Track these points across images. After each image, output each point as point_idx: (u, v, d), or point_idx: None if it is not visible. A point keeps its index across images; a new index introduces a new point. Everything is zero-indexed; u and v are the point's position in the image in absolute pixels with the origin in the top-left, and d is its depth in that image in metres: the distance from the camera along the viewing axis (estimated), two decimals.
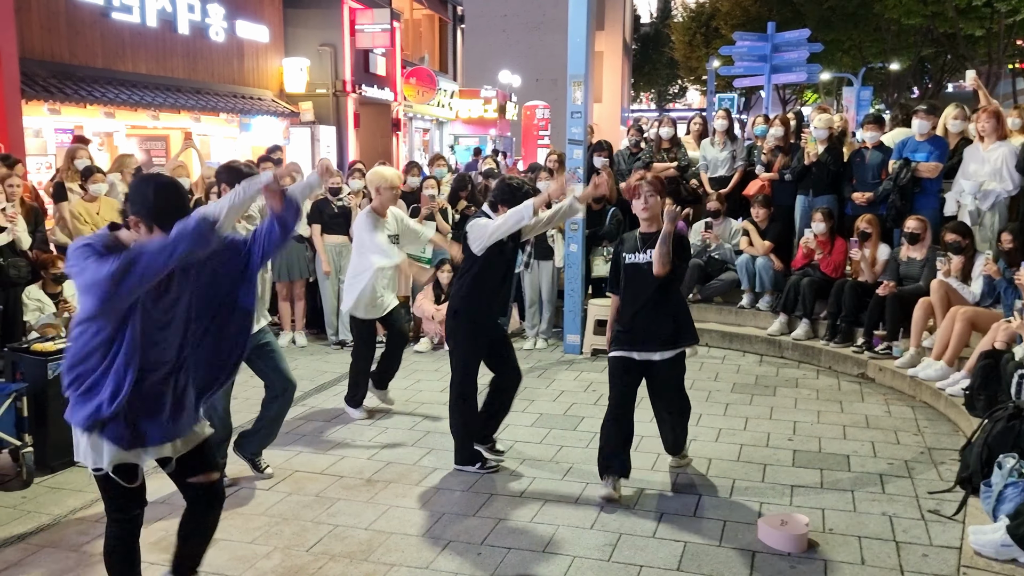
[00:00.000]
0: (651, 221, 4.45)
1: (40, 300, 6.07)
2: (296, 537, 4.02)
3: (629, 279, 4.45)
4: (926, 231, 6.69)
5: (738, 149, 8.57)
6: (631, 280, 4.45)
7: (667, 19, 46.38)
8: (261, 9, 15.68)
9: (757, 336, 7.60)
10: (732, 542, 3.95)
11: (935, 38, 24.30)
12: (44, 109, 10.46)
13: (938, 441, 5.29)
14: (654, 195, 4.41)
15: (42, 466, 4.75)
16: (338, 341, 7.77)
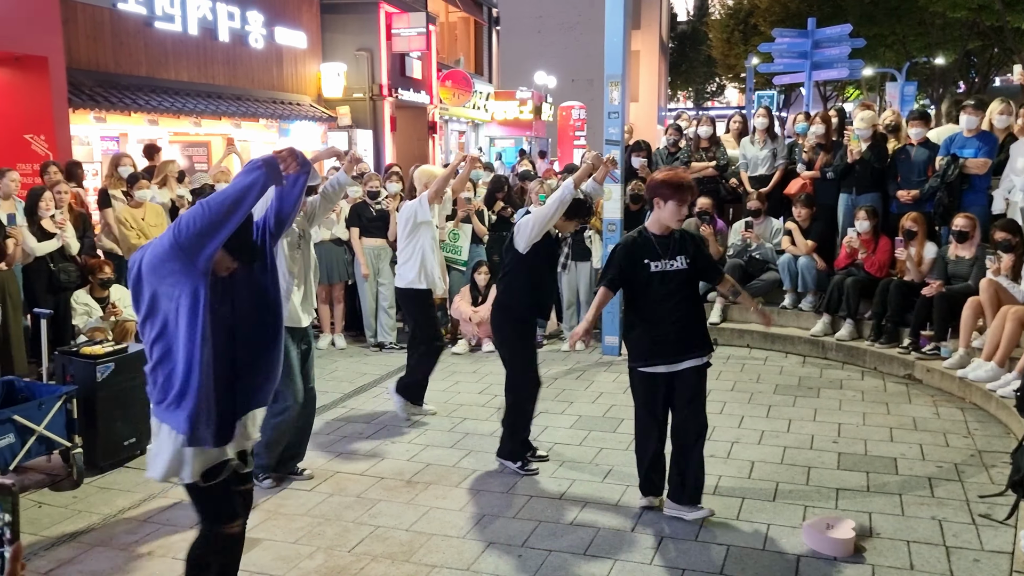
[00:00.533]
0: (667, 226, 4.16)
1: (88, 304, 6.20)
2: (338, 538, 4.06)
3: (656, 288, 4.08)
4: (975, 229, 6.53)
5: (779, 147, 8.45)
6: (659, 288, 4.08)
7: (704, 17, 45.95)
8: (299, 15, 15.87)
9: (800, 337, 7.49)
10: (776, 546, 3.90)
11: (981, 31, 23.75)
12: (90, 117, 10.69)
13: (989, 444, 5.16)
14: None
15: (92, 466, 4.86)
16: (377, 343, 7.83)
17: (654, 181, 4.08)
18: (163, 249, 2.70)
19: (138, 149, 11.51)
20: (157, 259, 2.71)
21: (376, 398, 6.35)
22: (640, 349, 4.15)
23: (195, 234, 2.66)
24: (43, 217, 6.54)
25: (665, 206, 4.02)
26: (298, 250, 4.57)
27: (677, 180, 4.02)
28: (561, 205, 4.67)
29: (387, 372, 7.06)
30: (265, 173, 2.74)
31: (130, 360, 5.03)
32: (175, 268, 2.70)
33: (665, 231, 4.12)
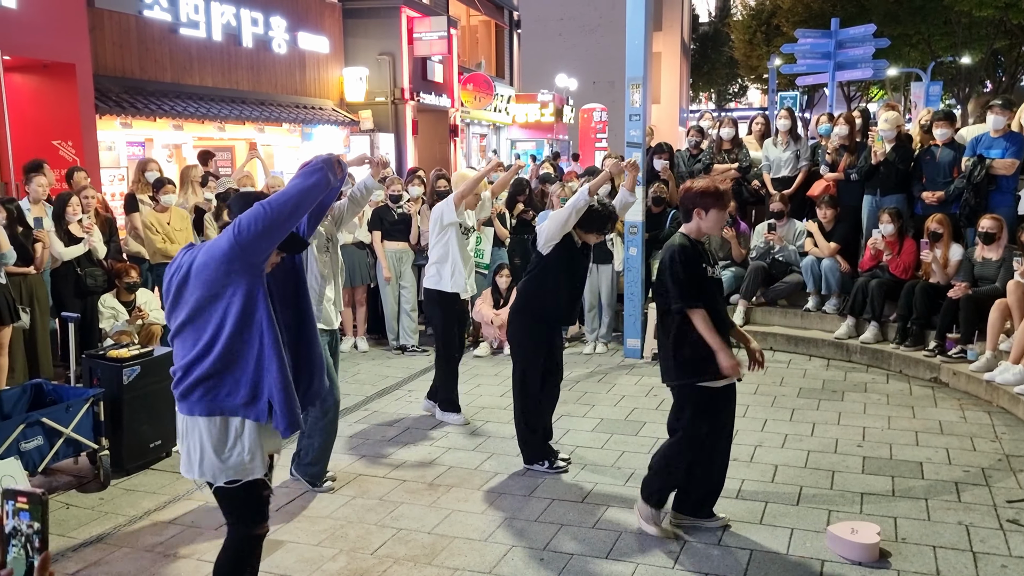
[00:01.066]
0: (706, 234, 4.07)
1: (115, 308, 6.28)
2: (361, 540, 4.08)
3: (714, 295, 3.96)
4: (1002, 230, 6.45)
5: (802, 149, 8.40)
6: (715, 296, 3.97)
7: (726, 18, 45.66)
8: (322, 20, 15.99)
9: (824, 340, 7.43)
10: (800, 551, 3.87)
11: (1008, 30, 23.40)
12: (116, 123, 10.84)
13: (1017, 448, 5.09)
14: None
15: (118, 468, 4.92)
16: (399, 346, 7.87)
17: (692, 192, 3.93)
18: (221, 251, 2.72)
19: (163, 154, 11.69)
20: (214, 261, 2.73)
21: (398, 401, 6.38)
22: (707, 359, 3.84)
23: (256, 234, 2.69)
24: (70, 222, 6.64)
25: (708, 215, 3.89)
26: (327, 253, 4.63)
27: (716, 188, 3.90)
28: (575, 211, 4.66)
29: (409, 375, 7.09)
30: (326, 174, 2.78)
31: (156, 363, 5.10)
32: (233, 269, 2.72)
33: (702, 238, 4.01)
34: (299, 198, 2.74)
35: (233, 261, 2.72)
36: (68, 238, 6.63)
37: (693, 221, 3.95)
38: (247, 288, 2.75)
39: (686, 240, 3.95)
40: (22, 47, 9.15)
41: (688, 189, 3.99)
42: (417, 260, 7.86)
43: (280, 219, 2.72)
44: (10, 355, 5.90)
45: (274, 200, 2.73)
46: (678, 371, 3.93)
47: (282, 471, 4.96)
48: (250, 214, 2.72)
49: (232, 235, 2.72)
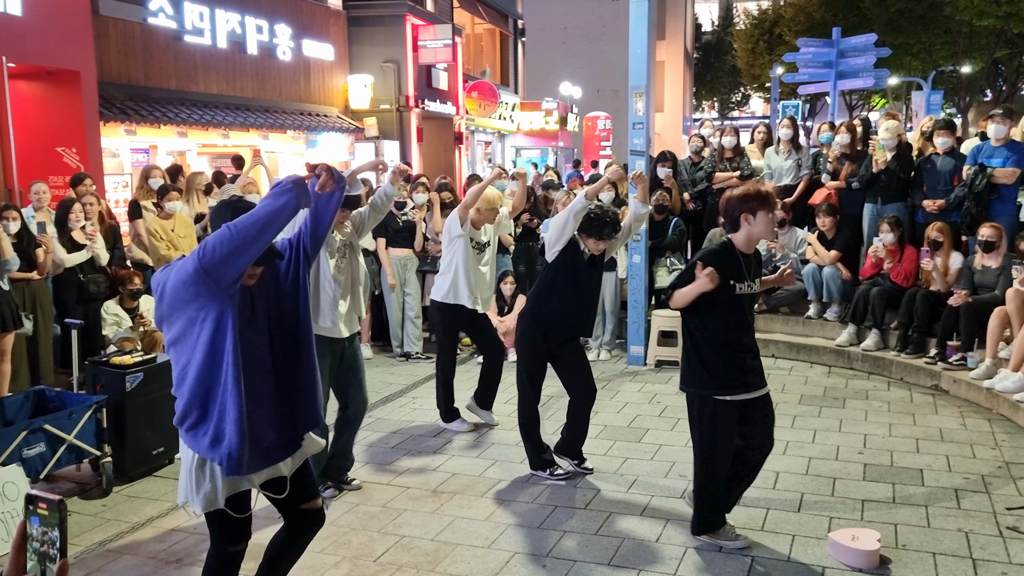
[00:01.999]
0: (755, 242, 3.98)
1: (118, 315, 6.31)
2: (364, 547, 4.09)
3: (738, 309, 3.87)
4: (1002, 239, 6.47)
5: (803, 157, 8.43)
6: (740, 310, 3.88)
7: (729, 27, 45.78)
8: (326, 28, 16.07)
9: (825, 347, 7.44)
10: (801, 557, 3.88)
11: (1009, 39, 23.43)
12: (121, 130, 10.90)
13: (1017, 455, 5.10)
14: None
15: (121, 475, 4.94)
16: (403, 353, 7.88)
17: (735, 198, 3.82)
18: (187, 273, 2.63)
19: (167, 160, 11.73)
20: (181, 283, 2.64)
21: (402, 408, 6.40)
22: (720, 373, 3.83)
23: (221, 258, 2.59)
24: (73, 228, 6.67)
25: (756, 219, 3.77)
26: (344, 259, 4.60)
27: (760, 191, 3.81)
28: (573, 215, 4.68)
29: (413, 382, 7.10)
30: (296, 195, 2.65)
31: (159, 370, 5.12)
32: (200, 292, 2.63)
33: (750, 249, 3.89)
34: (266, 220, 2.61)
35: (199, 284, 2.62)
36: (71, 244, 6.66)
37: (742, 229, 3.81)
38: (216, 314, 2.66)
39: (722, 249, 3.84)
40: (27, 54, 9.22)
41: (730, 198, 3.87)
42: (421, 267, 7.88)
43: (246, 242, 2.59)
44: (13, 361, 5.91)
45: (240, 222, 2.61)
46: (690, 379, 3.93)
47: None
48: (215, 236, 2.61)
49: (197, 258, 2.61)
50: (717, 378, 3.84)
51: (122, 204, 9.44)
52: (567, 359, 4.93)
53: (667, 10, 35.03)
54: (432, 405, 6.41)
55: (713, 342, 3.83)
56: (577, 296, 4.82)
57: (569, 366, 4.93)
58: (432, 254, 7.84)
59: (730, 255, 3.82)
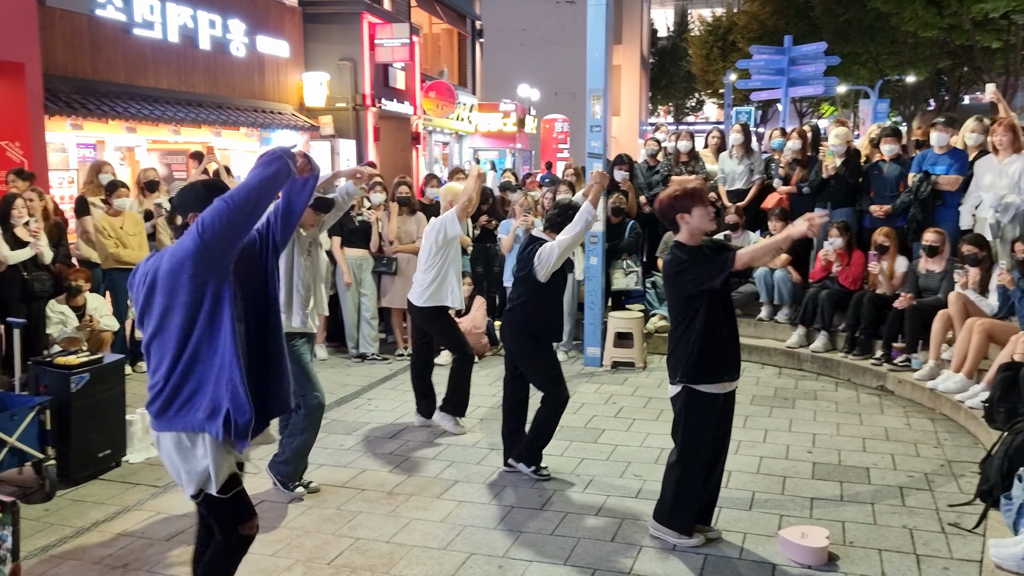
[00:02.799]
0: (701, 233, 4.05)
1: (64, 313, 6.15)
2: (317, 550, 4.05)
3: (726, 299, 3.98)
4: (945, 243, 6.67)
5: (755, 162, 8.58)
6: (728, 299, 4.01)
7: (684, 33, 46.42)
8: (281, 24, 15.86)
9: (776, 348, 7.58)
10: (752, 555, 3.95)
11: (952, 50, 24.16)
12: (67, 124, 10.61)
13: (958, 454, 5.26)
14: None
15: (65, 479, 4.81)
16: (359, 354, 7.82)
17: (666, 202, 3.91)
18: (187, 253, 2.67)
19: (116, 156, 11.48)
20: (179, 264, 2.68)
21: (358, 409, 6.35)
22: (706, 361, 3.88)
23: (221, 230, 2.64)
24: (16, 225, 6.48)
25: (692, 215, 3.87)
26: (309, 257, 4.63)
27: (688, 189, 3.90)
28: (587, 226, 4.78)
29: (368, 383, 7.05)
30: (285, 163, 2.73)
31: (106, 371, 5.00)
32: (199, 271, 2.67)
33: (698, 242, 3.95)
34: (260, 188, 2.69)
35: (199, 263, 2.67)
36: (14, 241, 6.46)
37: (682, 228, 3.91)
38: (214, 290, 2.71)
39: (686, 249, 3.92)
40: None
41: (661, 201, 3.95)
42: (377, 267, 7.83)
43: (244, 212, 2.67)
44: None
45: (235, 193, 2.68)
46: (682, 372, 3.92)
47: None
48: (212, 211, 2.66)
49: (196, 234, 2.66)
50: (711, 369, 3.89)
51: (68, 200, 9.19)
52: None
53: (624, 15, 35.31)
54: (388, 407, 6.40)
55: (706, 333, 3.86)
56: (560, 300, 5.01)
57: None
58: (388, 255, 7.79)
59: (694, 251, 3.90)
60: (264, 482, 4.76)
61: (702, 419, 3.93)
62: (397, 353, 7.94)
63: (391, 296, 7.85)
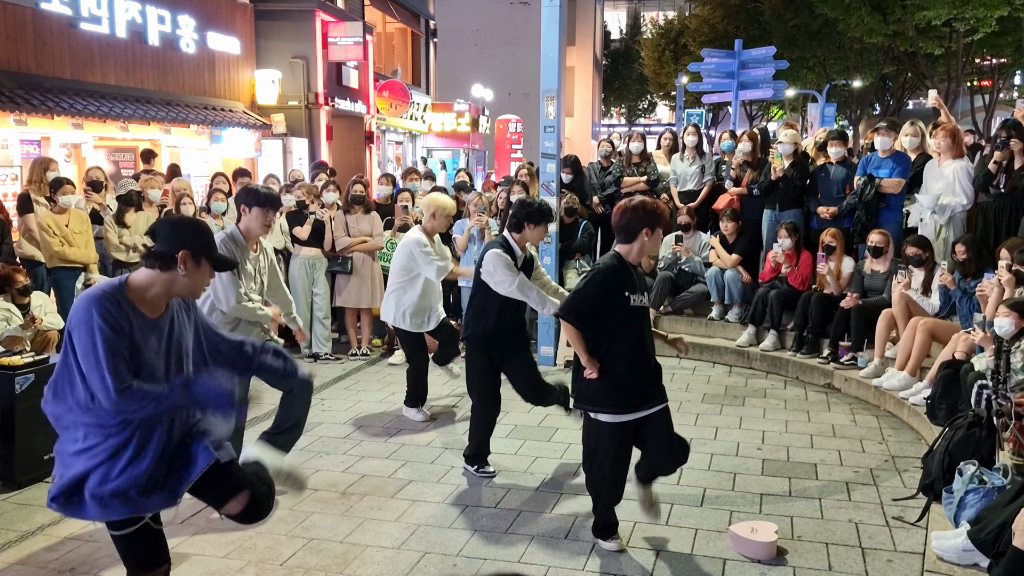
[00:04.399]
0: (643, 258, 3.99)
1: (9, 311, 5.98)
2: (270, 551, 4.01)
3: (628, 324, 3.81)
4: (889, 245, 6.86)
5: (707, 164, 8.72)
6: (631, 325, 3.82)
7: (637, 35, 46.87)
8: (232, 21, 15.63)
9: (726, 347, 7.71)
10: (703, 550, 4.02)
11: (896, 56, 24.83)
12: (10, 120, 10.31)
13: (902, 449, 5.42)
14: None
15: (8, 482, 4.69)
16: (311, 354, 7.75)
17: (639, 211, 3.80)
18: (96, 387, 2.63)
19: (61, 153, 11.19)
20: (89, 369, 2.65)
21: (311, 409, 6.26)
22: (612, 396, 3.80)
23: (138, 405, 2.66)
24: None
25: (653, 236, 3.83)
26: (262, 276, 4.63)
27: (664, 211, 3.90)
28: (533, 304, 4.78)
29: (321, 383, 6.99)
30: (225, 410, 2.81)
31: (52, 371, 4.87)
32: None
33: (637, 261, 3.91)
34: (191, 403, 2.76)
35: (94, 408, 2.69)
36: None
37: (637, 241, 3.81)
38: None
39: (616, 261, 3.82)
40: None
41: (632, 208, 3.82)
42: (331, 267, 7.77)
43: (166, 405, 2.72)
44: None
45: (173, 395, 2.71)
46: (586, 397, 3.90)
47: None
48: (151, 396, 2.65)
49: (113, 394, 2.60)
50: (615, 396, 3.80)
51: (11, 198, 8.93)
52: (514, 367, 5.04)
53: (577, 17, 35.57)
54: (341, 407, 6.36)
55: (611, 358, 3.78)
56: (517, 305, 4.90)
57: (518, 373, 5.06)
58: (343, 255, 7.73)
59: (624, 267, 3.82)
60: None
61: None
62: (350, 353, 7.89)
63: (345, 296, 7.80)
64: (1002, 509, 3.55)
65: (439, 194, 6.72)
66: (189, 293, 2.86)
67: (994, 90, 25.42)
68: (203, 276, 2.82)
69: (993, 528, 3.49)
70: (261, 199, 4.41)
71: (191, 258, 2.75)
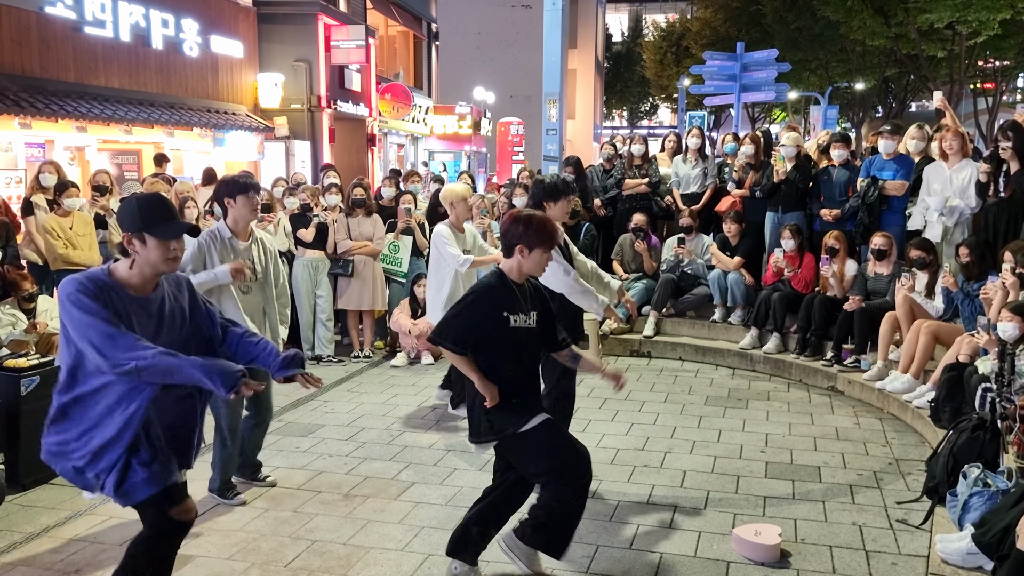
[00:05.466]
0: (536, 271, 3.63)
1: (15, 315, 6.00)
2: (274, 553, 4.02)
3: (512, 346, 3.52)
4: (892, 247, 6.86)
5: (709, 166, 8.72)
6: (521, 347, 3.55)
7: (638, 38, 46.91)
8: (236, 24, 15.67)
9: (729, 350, 7.71)
10: (707, 553, 4.01)
11: (898, 59, 24.82)
12: (15, 123, 10.36)
13: (905, 452, 5.41)
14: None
15: (14, 484, 4.69)
16: (314, 356, 7.75)
17: (519, 224, 3.51)
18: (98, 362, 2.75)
19: (65, 156, 11.23)
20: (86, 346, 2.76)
21: (313, 412, 6.30)
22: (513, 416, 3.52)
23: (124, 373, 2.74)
24: None
25: (530, 255, 3.49)
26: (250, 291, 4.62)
27: (546, 227, 3.52)
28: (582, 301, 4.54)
29: (324, 385, 6.99)
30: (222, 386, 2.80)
31: (56, 373, 4.88)
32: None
33: (521, 280, 3.59)
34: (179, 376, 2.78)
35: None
36: None
37: (514, 258, 3.52)
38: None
39: (498, 281, 3.53)
40: None
41: (514, 219, 3.54)
42: (333, 269, 7.78)
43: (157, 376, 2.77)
44: None
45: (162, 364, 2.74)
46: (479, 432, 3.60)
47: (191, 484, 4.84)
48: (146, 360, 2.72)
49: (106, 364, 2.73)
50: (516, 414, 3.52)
51: (15, 200, 8.96)
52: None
53: (579, 19, 35.61)
54: (344, 408, 6.37)
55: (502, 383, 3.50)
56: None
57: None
58: (345, 257, 7.75)
59: (504, 285, 3.52)
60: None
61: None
62: (353, 355, 7.90)
63: (347, 298, 7.81)
64: (1006, 512, 3.55)
65: (450, 184, 6.71)
66: (154, 270, 2.90)
67: (997, 93, 25.39)
68: (158, 250, 2.86)
69: (997, 531, 3.49)
70: (241, 186, 4.44)
71: (133, 238, 2.85)
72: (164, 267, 2.91)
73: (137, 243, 2.84)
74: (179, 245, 2.92)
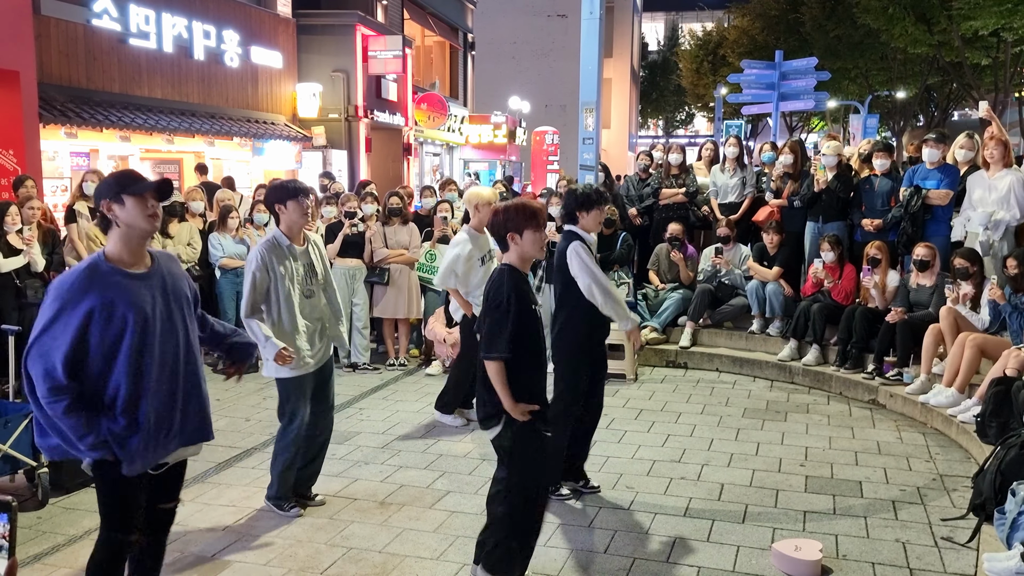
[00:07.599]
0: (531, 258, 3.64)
1: None
2: (310, 560, 4.04)
3: (536, 333, 3.55)
4: (935, 258, 6.72)
5: (747, 176, 8.63)
6: (536, 332, 3.57)
7: (675, 47, 46.78)
8: (275, 35, 15.91)
9: (767, 361, 7.61)
10: (745, 567, 3.95)
11: (941, 67, 24.40)
12: (61, 133, 10.61)
13: (950, 468, 5.29)
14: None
15: (57, 487, 4.78)
16: (350, 364, 7.80)
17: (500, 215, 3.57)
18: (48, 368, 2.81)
19: (109, 165, 11.47)
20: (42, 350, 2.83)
21: (349, 419, 6.33)
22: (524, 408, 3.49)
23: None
24: (9, 232, 6.47)
25: (523, 239, 3.53)
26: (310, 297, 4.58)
27: (527, 207, 3.57)
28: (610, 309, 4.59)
29: (360, 392, 7.04)
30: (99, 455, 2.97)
31: None
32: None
33: (527, 268, 3.64)
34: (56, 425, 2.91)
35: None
36: (7, 249, 6.45)
37: (511, 249, 3.58)
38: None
39: (518, 279, 3.52)
40: None
41: (497, 212, 3.61)
42: (369, 277, 7.83)
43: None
44: None
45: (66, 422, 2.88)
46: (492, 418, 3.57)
47: (230, 490, 4.90)
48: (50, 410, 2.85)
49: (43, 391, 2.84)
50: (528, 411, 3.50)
51: (61, 208, 9.18)
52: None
53: (615, 28, 35.61)
54: (379, 416, 6.39)
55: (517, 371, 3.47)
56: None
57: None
58: (381, 266, 7.79)
59: (522, 278, 3.55)
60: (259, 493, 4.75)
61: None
62: (388, 363, 7.93)
63: (383, 306, 7.86)
64: None
65: (476, 187, 6.74)
66: (138, 231, 2.91)
67: None
68: (136, 207, 2.88)
69: None
70: (291, 191, 4.43)
71: (112, 203, 2.88)
72: (145, 224, 2.90)
73: (116, 207, 2.88)
74: (156, 202, 2.93)
